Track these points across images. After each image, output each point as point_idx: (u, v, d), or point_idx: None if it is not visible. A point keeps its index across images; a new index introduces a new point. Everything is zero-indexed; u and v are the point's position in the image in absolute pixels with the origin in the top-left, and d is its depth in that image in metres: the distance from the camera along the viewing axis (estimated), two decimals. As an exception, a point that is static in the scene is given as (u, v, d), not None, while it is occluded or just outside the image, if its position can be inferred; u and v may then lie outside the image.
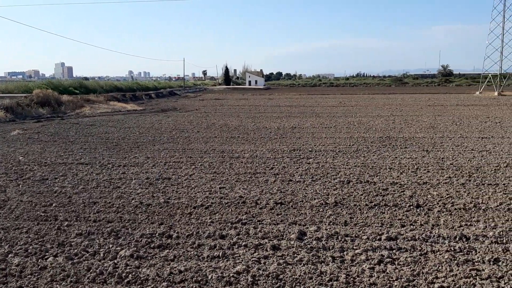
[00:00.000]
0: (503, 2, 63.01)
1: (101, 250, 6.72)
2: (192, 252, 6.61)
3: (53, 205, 9.04)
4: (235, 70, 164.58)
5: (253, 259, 6.34)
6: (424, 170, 12.11)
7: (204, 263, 6.23)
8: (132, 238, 7.19)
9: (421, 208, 8.70)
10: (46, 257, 6.48)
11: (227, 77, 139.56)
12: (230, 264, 6.20)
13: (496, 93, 60.59)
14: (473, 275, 5.80)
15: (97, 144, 17.26)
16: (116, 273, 5.91)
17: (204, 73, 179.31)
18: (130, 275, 5.87)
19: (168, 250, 6.71)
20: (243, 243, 6.92)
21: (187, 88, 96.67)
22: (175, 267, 6.07)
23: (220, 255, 6.49)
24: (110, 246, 6.88)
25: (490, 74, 66.25)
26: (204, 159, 14.01)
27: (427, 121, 25.41)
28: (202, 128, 22.81)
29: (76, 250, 6.69)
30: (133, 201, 9.29)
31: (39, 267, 6.13)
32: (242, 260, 6.32)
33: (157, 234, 7.33)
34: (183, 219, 8.17)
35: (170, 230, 7.53)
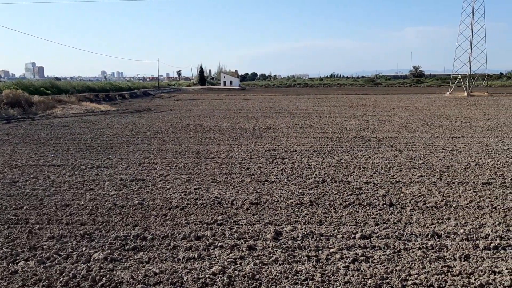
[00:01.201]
0: (471, 5, 64.76)
1: (74, 253, 6.60)
2: (167, 254, 6.56)
3: (24, 208, 8.82)
4: (210, 71, 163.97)
5: (229, 259, 6.34)
6: (397, 169, 12.32)
7: (179, 265, 6.19)
8: (106, 241, 7.08)
9: (394, 207, 8.86)
10: (17, 261, 6.32)
11: (202, 78, 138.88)
12: (206, 265, 6.17)
13: (465, 94, 62.18)
14: (445, 271, 5.94)
15: (70, 146, 16.93)
16: (90, 277, 5.81)
17: (179, 73, 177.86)
18: (104, 278, 5.78)
19: (143, 252, 6.63)
20: (219, 244, 6.91)
21: (162, 88, 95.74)
22: (150, 269, 6.01)
23: (196, 256, 6.46)
24: (84, 249, 6.76)
25: (459, 75, 67.94)
26: (179, 160, 13.91)
27: (399, 121, 25.86)
28: (177, 129, 22.65)
29: (48, 254, 6.54)
30: (106, 203, 9.15)
31: (10, 271, 5.97)
32: (218, 261, 6.30)
33: (131, 236, 7.25)
34: (158, 220, 8.10)
35: (144, 232, 7.45)
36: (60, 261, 6.32)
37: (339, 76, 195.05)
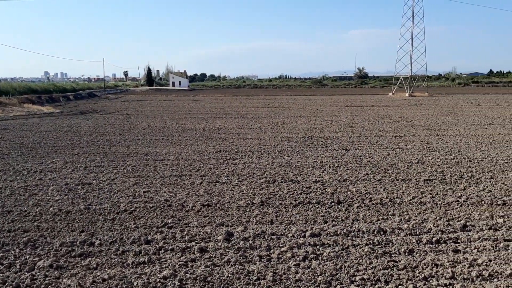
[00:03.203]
0: (411, 9, 67.66)
1: (17, 261, 6.30)
2: (116, 259, 6.41)
3: (-40, 216, 8.32)
4: (157, 71, 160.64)
5: (180, 263, 6.28)
6: (344, 168, 12.67)
7: (129, 270, 6.06)
8: (51, 248, 6.82)
9: (342, 204, 9.11)
10: (-48, 273, 5.95)
11: (150, 78, 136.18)
12: (156, 269, 6.08)
13: (407, 94, 64.86)
14: (391, 266, 6.18)
15: (11, 149, 16.12)
16: (34, 285, 5.58)
17: (125, 74, 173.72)
18: (49, 286, 5.57)
19: (90, 258, 6.44)
20: (170, 247, 6.83)
21: (108, 89, 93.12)
22: (98, 276, 5.85)
23: (146, 260, 6.36)
24: (27, 257, 6.47)
25: (401, 76, 70.83)
26: (127, 162, 13.61)
27: (345, 121, 26.59)
28: (124, 131, 22.13)
29: (-13, 264, 6.21)
30: (51, 208, 8.80)
31: None
32: (169, 265, 6.23)
33: (78, 242, 7.02)
34: (105, 225, 7.89)
35: (92, 238, 7.24)
36: (2, 270, 6.02)
37: (287, 77, 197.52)
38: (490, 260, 6.33)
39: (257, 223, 8.01)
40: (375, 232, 7.48)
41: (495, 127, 22.76)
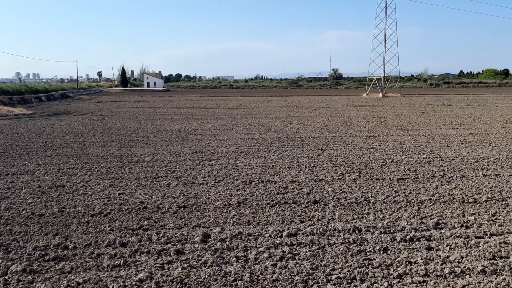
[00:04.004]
0: (384, 11, 68.74)
1: (-12, 267, 6.15)
2: (91, 263, 6.32)
3: None
4: (132, 72, 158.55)
5: (157, 265, 6.24)
6: (320, 167, 12.80)
7: (104, 273, 5.99)
8: (24, 252, 6.67)
9: (318, 204, 9.20)
10: None
11: (124, 79, 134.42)
12: (132, 272, 6.03)
13: (380, 95, 65.85)
14: (366, 264, 6.28)
15: (-21, 152, 15.69)
16: (6, 291, 5.45)
17: (99, 74, 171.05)
18: (22, 292, 5.46)
19: (64, 262, 6.34)
20: (146, 250, 6.78)
21: (81, 90, 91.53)
22: (73, 280, 5.76)
23: (122, 263, 6.29)
24: (0, 261, 6.33)
25: (375, 77, 71.83)
26: (101, 164, 13.42)
27: (321, 121, 26.84)
28: (98, 132, 21.80)
29: (-43, 270, 6.04)
30: (24, 211, 8.62)
31: None
32: (145, 267, 6.18)
33: (52, 246, 6.89)
34: (80, 228, 7.77)
35: (66, 241, 7.12)
36: (-29, 277, 5.86)
37: (263, 78, 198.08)
38: (462, 257, 6.50)
39: (234, 224, 8.02)
40: (351, 231, 7.59)
41: (466, 127, 23.35)
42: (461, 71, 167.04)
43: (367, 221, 8.14)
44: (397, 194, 9.94)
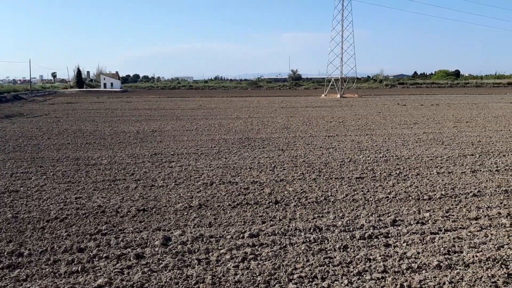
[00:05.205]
0: (341, 13, 70.12)
1: None
2: (47, 270, 6.09)
3: None
4: (88, 72, 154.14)
5: (116, 270, 6.09)
6: (281, 168, 12.88)
7: (61, 280, 5.79)
8: (-28, 262, 6.35)
9: (279, 204, 9.26)
10: None
11: (80, 80, 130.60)
12: (90, 278, 5.86)
13: (338, 96, 67.12)
14: (327, 262, 6.37)
15: None
16: (-46, 304, 5.17)
17: (54, 75, 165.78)
18: (-29, 304, 5.19)
19: (19, 270, 6.08)
20: (104, 255, 6.60)
21: (35, 91, 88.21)
22: (28, 287, 5.53)
23: (79, 269, 6.10)
24: None
25: (333, 78, 73.16)
26: (57, 168, 12.98)
27: (281, 122, 27.05)
28: (53, 135, 21.08)
29: None
30: (-28, 219, 8.20)
31: None
32: (104, 273, 6.02)
33: (5, 253, 6.60)
34: (35, 234, 7.48)
35: (20, 248, 6.84)
36: None
37: (223, 78, 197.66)
38: (418, 253, 6.70)
39: (195, 226, 7.94)
40: (311, 230, 7.67)
41: (420, 126, 24.14)
42: (415, 72, 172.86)
43: (327, 220, 8.25)
44: (355, 192, 10.14)
